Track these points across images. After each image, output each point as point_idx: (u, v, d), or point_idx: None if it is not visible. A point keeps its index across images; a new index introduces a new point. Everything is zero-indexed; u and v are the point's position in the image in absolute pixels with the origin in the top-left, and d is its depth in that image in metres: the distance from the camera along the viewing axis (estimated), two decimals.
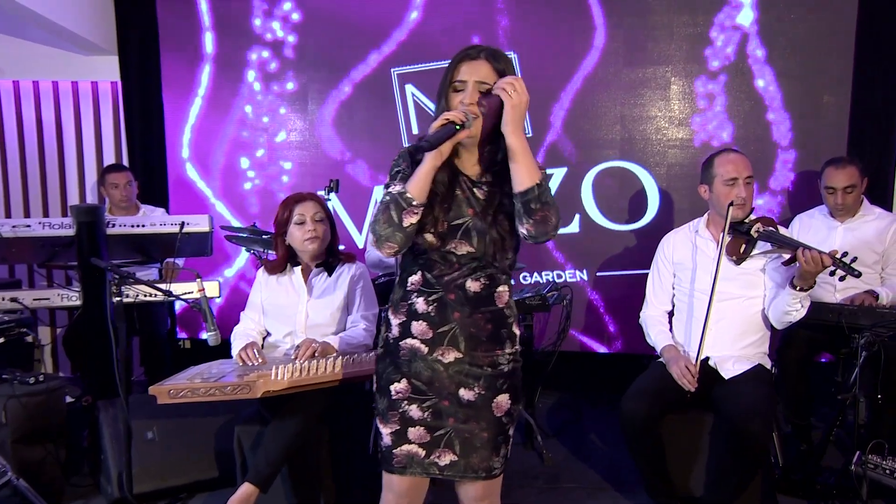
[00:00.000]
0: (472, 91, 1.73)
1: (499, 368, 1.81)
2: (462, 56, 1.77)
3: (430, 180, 1.70)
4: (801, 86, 4.04)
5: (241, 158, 4.62)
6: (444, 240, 1.77)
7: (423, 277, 1.80)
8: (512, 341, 1.85)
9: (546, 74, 4.27)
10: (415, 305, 1.81)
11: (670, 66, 4.18)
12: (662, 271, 3.01)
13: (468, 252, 1.77)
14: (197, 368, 2.54)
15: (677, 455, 2.76)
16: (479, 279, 1.78)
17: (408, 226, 1.70)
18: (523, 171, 1.68)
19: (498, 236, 1.76)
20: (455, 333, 1.78)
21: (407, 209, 1.69)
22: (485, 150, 1.81)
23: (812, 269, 2.50)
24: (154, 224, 3.42)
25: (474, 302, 1.78)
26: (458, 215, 1.77)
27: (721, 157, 2.81)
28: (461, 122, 1.66)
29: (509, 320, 1.84)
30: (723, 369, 2.75)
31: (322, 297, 2.75)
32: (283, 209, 2.71)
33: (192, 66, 4.55)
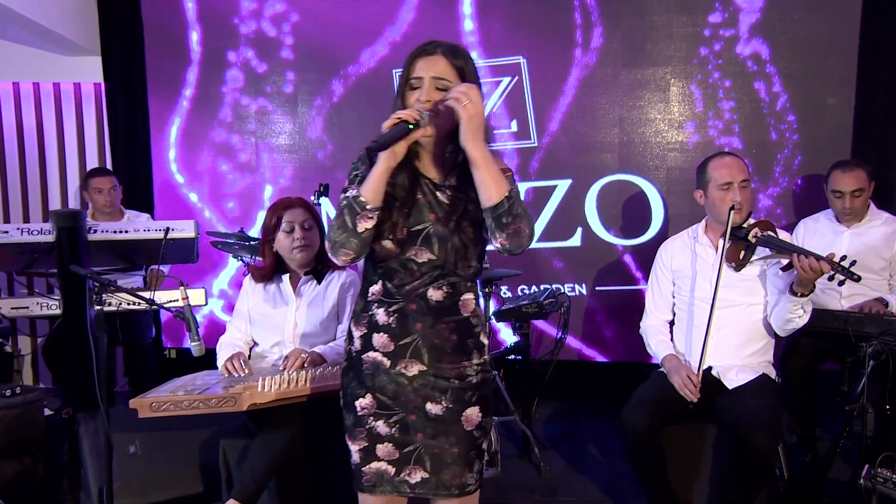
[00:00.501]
0: (428, 88, 1.68)
1: (467, 380, 1.77)
2: (418, 52, 1.72)
3: (383, 183, 1.65)
4: (804, 87, 4.02)
5: (229, 162, 4.58)
6: (404, 247, 1.72)
7: (383, 287, 1.76)
8: (480, 351, 1.81)
9: (543, 76, 4.25)
10: (375, 317, 1.77)
11: (669, 67, 4.16)
12: (662, 280, 2.98)
13: (429, 260, 1.72)
14: (181, 380, 2.50)
15: (679, 467, 2.72)
16: (441, 287, 1.74)
17: (362, 231, 1.66)
18: (489, 184, 1.63)
19: (460, 244, 1.72)
20: (417, 345, 1.74)
21: (361, 213, 1.65)
22: (445, 152, 1.76)
23: (810, 275, 2.47)
24: (138, 230, 3.38)
25: (437, 312, 1.74)
26: (419, 221, 1.73)
27: (715, 161, 2.78)
28: (415, 121, 1.60)
29: (476, 329, 1.80)
30: (726, 379, 2.72)
31: (311, 305, 2.71)
32: (271, 215, 2.66)
33: (179, 67, 4.51)
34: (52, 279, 3.92)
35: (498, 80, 4.29)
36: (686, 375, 2.65)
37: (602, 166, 4.27)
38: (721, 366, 2.75)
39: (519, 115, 4.30)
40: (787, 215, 4.03)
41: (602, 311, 4.38)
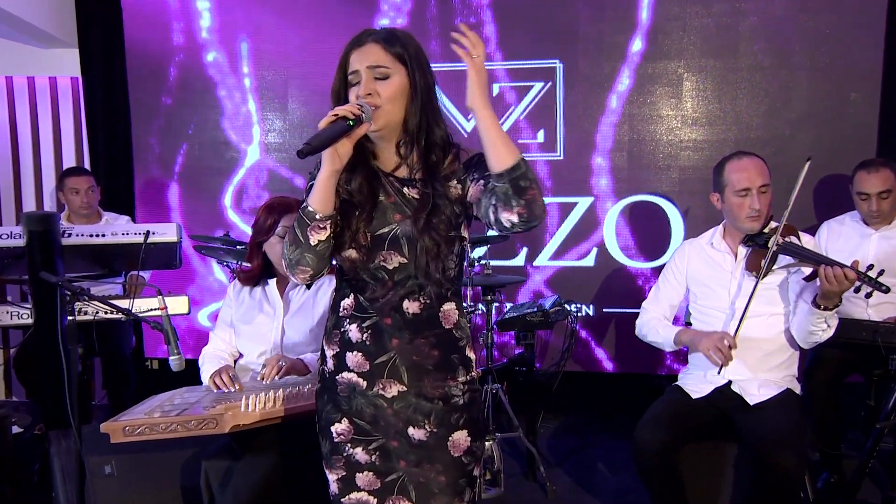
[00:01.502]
0: (366, 80, 1.60)
1: (452, 401, 1.68)
2: (350, 45, 1.65)
3: (330, 189, 1.57)
4: (827, 82, 3.95)
5: (216, 162, 4.50)
6: (371, 254, 1.64)
7: (355, 301, 1.68)
8: (466, 368, 1.71)
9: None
10: (348, 333, 1.69)
11: (682, 60, 4.08)
12: (671, 282, 2.90)
13: (400, 263, 1.64)
14: (158, 399, 2.41)
15: (698, 489, 2.63)
16: (417, 299, 1.65)
17: (316, 244, 1.58)
18: (501, 146, 1.51)
19: (432, 243, 1.62)
20: (395, 363, 1.66)
21: (311, 225, 1.57)
22: (399, 143, 1.68)
23: (835, 287, 2.39)
24: (116, 233, 3.29)
25: (414, 325, 1.65)
26: (384, 223, 1.65)
27: (732, 164, 2.70)
28: (355, 117, 1.51)
29: (461, 343, 1.71)
30: (747, 394, 2.64)
31: (299, 313, 2.62)
32: (267, 215, 2.56)
33: (161, 60, 4.43)
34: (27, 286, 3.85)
35: (529, 84, 4.21)
36: (720, 337, 2.55)
37: (626, 186, 4.21)
38: (742, 380, 2.67)
39: (548, 125, 4.22)
40: (808, 217, 3.94)
41: (610, 322, 4.31)
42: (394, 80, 1.61)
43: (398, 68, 1.62)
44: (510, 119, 4.23)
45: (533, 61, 4.20)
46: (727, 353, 2.52)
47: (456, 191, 1.67)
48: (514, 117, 4.23)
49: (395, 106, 1.61)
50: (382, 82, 1.60)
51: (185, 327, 4.58)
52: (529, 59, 4.20)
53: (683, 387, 2.76)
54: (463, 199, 1.67)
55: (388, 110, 1.61)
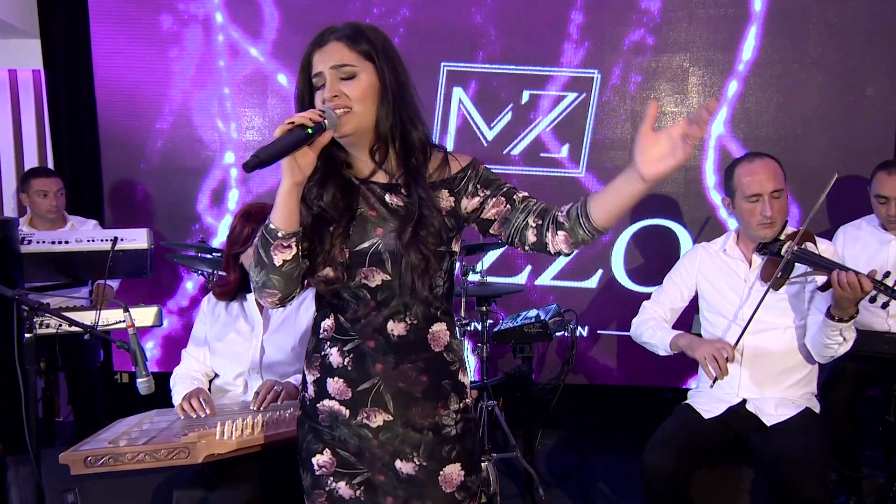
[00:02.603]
0: (331, 81, 1.52)
1: (444, 432, 1.62)
2: (311, 45, 1.58)
3: (293, 203, 1.48)
4: (841, 76, 3.89)
5: (191, 161, 4.40)
6: (350, 271, 1.57)
7: (335, 322, 1.62)
8: (459, 394, 1.65)
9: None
10: (329, 357, 1.62)
11: (688, 53, 4.02)
12: (678, 283, 2.82)
13: (383, 281, 1.57)
14: (125, 423, 2.31)
15: None
16: (403, 319, 1.58)
17: (281, 264, 1.50)
18: (621, 213, 1.52)
19: (419, 258, 1.54)
20: (379, 390, 1.59)
21: (274, 244, 1.49)
22: (374, 149, 1.60)
23: (848, 294, 2.32)
24: (80, 240, 3.23)
25: (400, 349, 1.59)
26: (363, 238, 1.57)
27: (742, 167, 2.62)
28: (315, 125, 1.43)
29: (452, 367, 1.64)
30: (764, 415, 2.57)
31: (281, 329, 2.53)
32: (243, 223, 2.47)
33: (130, 51, 4.32)
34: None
35: (562, 94, 4.12)
36: (718, 346, 2.46)
37: (641, 209, 4.13)
38: (757, 399, 2.60)
39: (574, 139, 4.14)
40: (821, 221, 3.88)
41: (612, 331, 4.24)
42: (361, 79, 1.54)
43: (365, 66, 1.54)
44: (536, 129, 4.15)
45: (573, 69, 4.11)
46: (724, 365, 2.43)
47: (447, 202, 1.61)
48: (540, 128, 4.15)
49: (365, 107, 1.53)
50: (349, 82, 1.53)
51: (163, 336, 4.47)
52: (568, 66, 4.11)
53: (694, 406, 2.69)
54: (455, 211, 1.61)
55: (359, 112, 1.53)
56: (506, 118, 4.15)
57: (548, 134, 4.15)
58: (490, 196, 1.61)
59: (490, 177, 1.64)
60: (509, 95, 4.13)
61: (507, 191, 1.61)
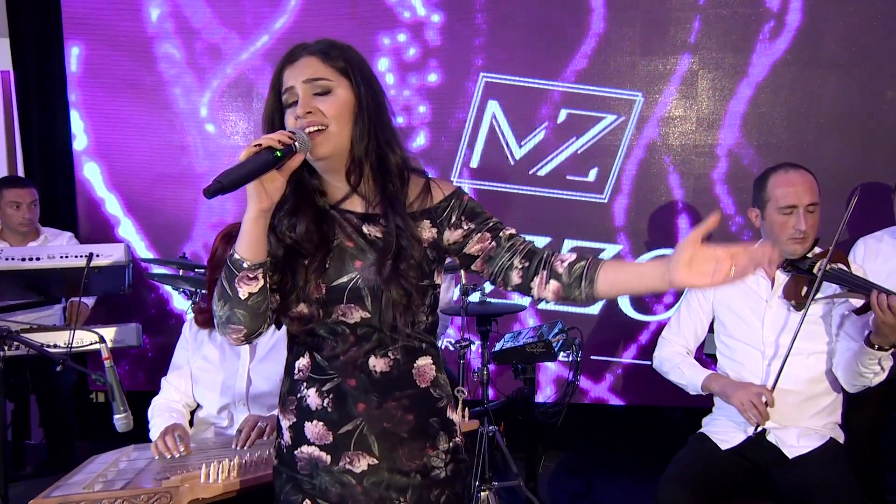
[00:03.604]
0: (304, 97, 1.47)
1: (433, 474, 1.57)
2: (282, 62, 1.53)
3: (259, 232, 1.42)
4: (859, 80, 3.84)
5: (173, 168, 4.35)
6: (327, 308, 1.51)
7: (311, 361, 1.56)
8: (448, 433, 1.60)
9: (537, 62, 4.05)
10: (306, 400, 1.56)
11: (697, 55, 3.96)
12: (695, 308, 2.76)
13: (362, 318, 1.52)
14: (100, 461, 2.21)
15: None
16: (385, 354, 1.53)
17: (246, 297, 1.43)
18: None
19: (400, 294, 1.49)
20: (363, 432, 1.54)
21: (239, 275, 1.42)
22: (349, 172, 1.54)
23: (890, 320, 2.25)
24: (53, 256, 3.18)
25: (383, 386, 1.54)
26: (341, 272, 1.51)
27: (778, 177, 2.55)
28: (284, 147, 1.37)
29: (440, 404, 1.60)
30: (786, 446, 2.50)
31: (268, 358, 2.45)
32: (224, 246, 2.38)
33: (107, 51, 4.26)
34: None
35: (601, 115, 4.05)
36: (756, 392, 2.42)
37: (658, 237, 4.10)
38: (778, 429, 2.53)
39: (603, 163, 4.08)
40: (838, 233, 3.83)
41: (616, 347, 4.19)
42: (337, 95, 1.48)
43: (341, 82, 1.50)
44: (567, 150, 4.09)
45: (616, 90, 4.04)
46: (764, 410, 2.39)
47: (429, 233, 1.56)
48: (572, 149, 4.09)
49: (341, 126, 1.48)
50: (324, 98, 1.48)
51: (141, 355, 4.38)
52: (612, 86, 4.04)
53: (710, 436, 2.62)
54: (437, 243, 1.57)
55: (334, 132, 1.47)
56: (538, 136, 4.09)
57: (578, 156, 4.09)
58: (475, 230, 1.57)
59: (476, 209, 1.60)
60: (546, 113, 4.07)
61: (493, 226, 1.58)
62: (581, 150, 4.07)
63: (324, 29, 3.99)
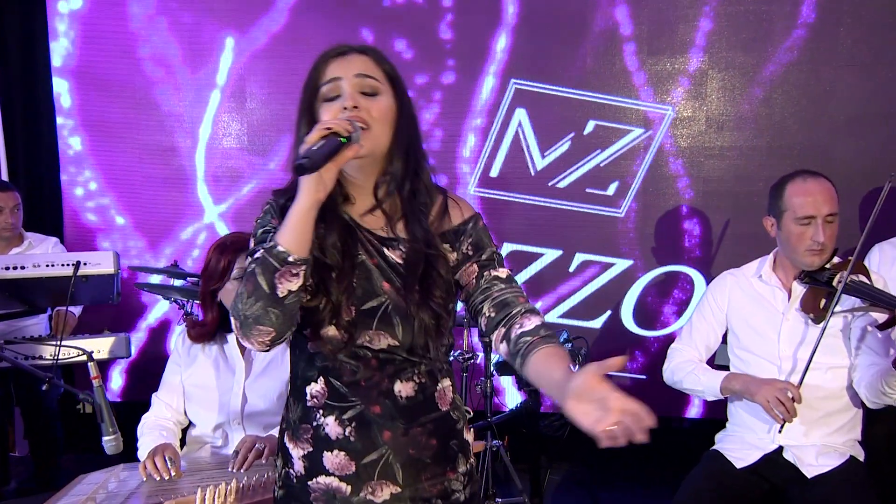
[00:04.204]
0: (352, 91, 1.44)
1: (453, 498, 1.56)
2: (326, 55, 1.50)
3: (309, 226, 1.36)
4: (874, 79, 3.80)
5: (161, 169, 4.31)
6: (354, 332, 1.46)
7: (327, 386, 1.50)
8: (465, 455, 1.60)
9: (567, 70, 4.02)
10: (324, 429, 1.50)
11: (707, 55, 3.92)
12: (708, 319, 2.71)
13: (389, 346, 1.48)
14: (89, 481, 2.16)
15: None
16: (411, 378, 1.50)
17: (284, 295, 1.35)
18: None
19: (431, 319, 1.46)
20: (388, 461, 1.49)
21: (281, 269, 1.34)
22: (378, 185, 1.52)
23: None
24: (38, 265, 3.10)
25: (409, 412, 1.50)
26: (371, 293, 1.47)
27: (795, 185, 2.50)
28: (348, 134, 1.34)
29: (458, 426, 1.59)
30: (804, 465, 2.46)
31: (265, 374, 2.41)
32: (218, 256, 2.35)
33: (93, 49, 4.23)
34: None
35: (628, 128, 4.01)
36: (781, 387, 2.36)
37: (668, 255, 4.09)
38: (796, 447, 2.49)
39: (625, 177, 4.04)
40: (853, 235, 3.79)
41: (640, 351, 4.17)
42: (383, 99, 1.47)
43: (387, 88, 1.48)
44: (589, 163, 4.05)
45: (646, 103, 4.00)
46: (791, 406, 2.33)
47: (452, 256, 1.54)
48: (595, 162, 4.05)
49: (383, 130, 1.45)
50: (370, 99, 1.45)
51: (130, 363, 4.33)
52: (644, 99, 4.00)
53: (724, 453, 2.58)
54: (455, 267, 1.55)
55: (377, 134, 1.44)
56: (562, 147, 4.05)
57: (600, 168, 4.05)
58: (471, 259, 1.54)
59: (483, 239, 1.57)
60: (573, 124, 4.03)
61: (484, 261, 1.54)
62: (604, 162, 4.04)
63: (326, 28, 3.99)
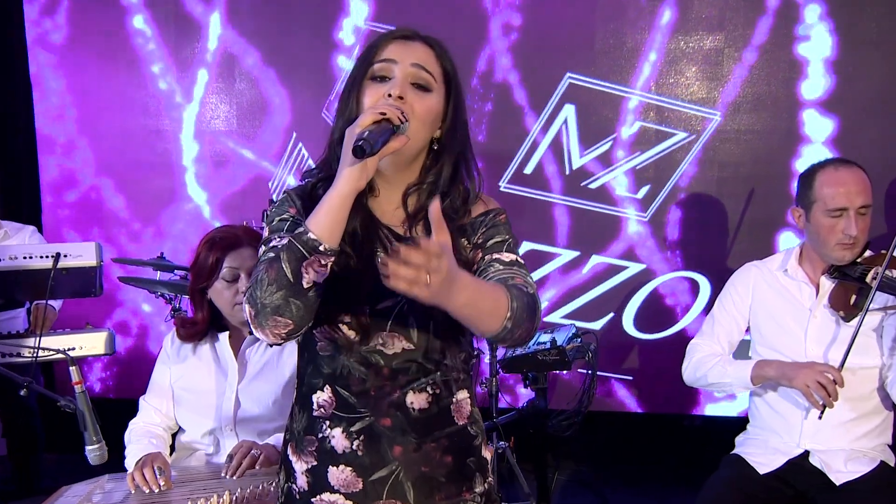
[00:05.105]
0: (402, 80, 1.42)
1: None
2: (390, 34, 1.48)
3: (345, 213, 1.33)
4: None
5: (145, 154, 4.24)
6: (367, 333, 1.42)
7: (335, 396, 1.46)
8: (483, 473, 1.55)
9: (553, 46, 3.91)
10: (330, 441, 1.46)
11: (723, 32, 3.84)
12: (731, 312, 2.65)
13: (403, 349, 1.43)
14: (72, 493, 2.09)
15: None
16: (424, 389, 1.46)
17: (310, 286, 1.31)
18: (484, 321, 1.30)
19: (447, 323, 1.40)
20: (398, 479, 1.45)
21: (310, 259, 1.29)
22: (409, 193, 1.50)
23: None
24: (15, 257, 3.01)
25: (422, 425, 1.46)
26: (386, 292, 1.36)
27: (826, 174, 2.44)
28: (399, 123, 1.33)
29: (476, 442, 1.54)
30: (832, 471, 2.42)
31: (260, 377, 2.35)
32: (208, 252, 2.31)
33: (74, 24, 4.14)
34: None
35: (672, 131, 3.91)
36: (821, 370, 2.30)
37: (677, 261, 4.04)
38: (823, 451, 2.45)
39: (657, 182, 3.96)
40: (877, 226, 3.72)
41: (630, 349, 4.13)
42: (432, 98, 1.44)
43: (440, 87, 1.46)
44: (625, 166, 3.96)
45: (693, 105, 3.90)
46: (833, 390, 2.27)
47: (474, 254, 1.48)
48: (631, 164, 3.96)
49: (421, 129, 1.42)
50: (418, 93, 1.42)
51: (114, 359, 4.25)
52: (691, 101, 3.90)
53: (746, 458, 2.54)
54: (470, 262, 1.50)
55: (413, 131, 1.39)
56: (603, 148, 3.96)
57: (636, 171, 3.97)
58: (479, 246, 1.49)
59: (500, 229, 1.51)
60: (619, 123, 3.94)
61: (489, 246, 1.48)
62: (640, 165, 3.96)
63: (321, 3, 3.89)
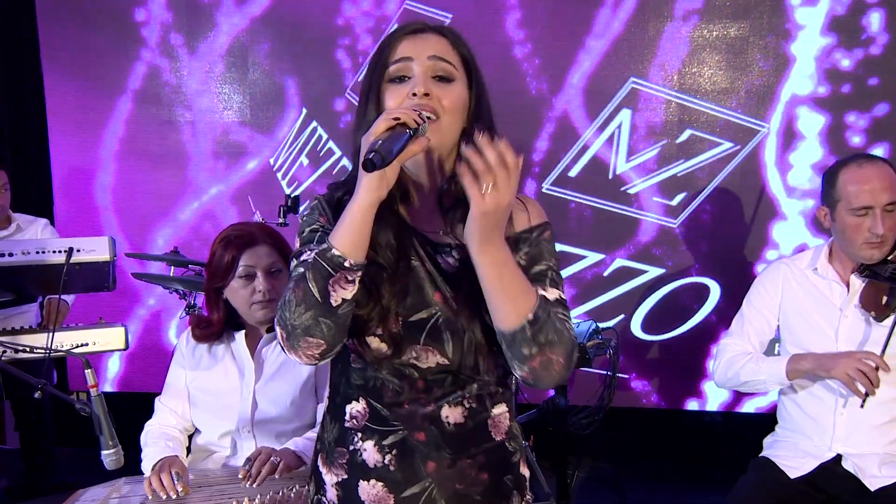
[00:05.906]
0: (423, 76, 1.37)
1: None
2: (397, 32, 1.43)
3: (368, 226, 1.28)
4: None
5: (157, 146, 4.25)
6: (400, 346, 1.38)
7: (368, 407, 1.43)
8: (521, 492, 1.51)
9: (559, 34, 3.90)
10: (361, 454, 1.44)
11: (748, 20, 3.79)
12: (761, 311, 2.61)
13: (438, 364, 1.39)
14: (88, 497, 2.06)
15: None
16: (460, 402, 1.42)
17: (339, 304, 1.28)
18: (503, 303, 1.28)
19: (484, 337, 1.37)
20: (431, 496, 1.42)
21: (336, 276, 1.26)
22: (443, 193, 1.43)
23: None
24: (28, 252, 3.01)
25: (458, 441, 1.42)
26: (420, 304, 1.39)
27: (850, 172, 2.39)
28: (417, 125, 1.26)
29: (514, 459, 1.49)
30: (866, 476, 2.38)
31: (277, 377, 2.32)
32: (223, 251, 2.28)
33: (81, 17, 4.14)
34: None
35: (719, 141, 3.87)
36: (860, 357, 2.26)
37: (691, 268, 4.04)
38: (856, 455, 2.41)
39: (693, 189, 3.93)
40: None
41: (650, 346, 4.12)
42: (457, 87, 1.39)
43: (461, 75, 1.40)
44: (668, 172, 3.93)
45: (740, 116, 3.86)
46: (875, 377, 2.23)
47: None
48: (673, 171, 3.93)
49: (453, 122, 1.37)
50: (442, 86, 1.37)
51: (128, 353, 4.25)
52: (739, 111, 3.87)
53: (776, 461, 2.50)
54: None
55: (445, 126, 1.36)
56: (649, 154, 3.93)
57: (677, 178, 3.94)
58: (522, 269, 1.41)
59: (543, 252, 1.44)
60: (671, 130, 3.91)
61: (533, 275, 1.40)
62: (682, 173, 3.93)
63: None
